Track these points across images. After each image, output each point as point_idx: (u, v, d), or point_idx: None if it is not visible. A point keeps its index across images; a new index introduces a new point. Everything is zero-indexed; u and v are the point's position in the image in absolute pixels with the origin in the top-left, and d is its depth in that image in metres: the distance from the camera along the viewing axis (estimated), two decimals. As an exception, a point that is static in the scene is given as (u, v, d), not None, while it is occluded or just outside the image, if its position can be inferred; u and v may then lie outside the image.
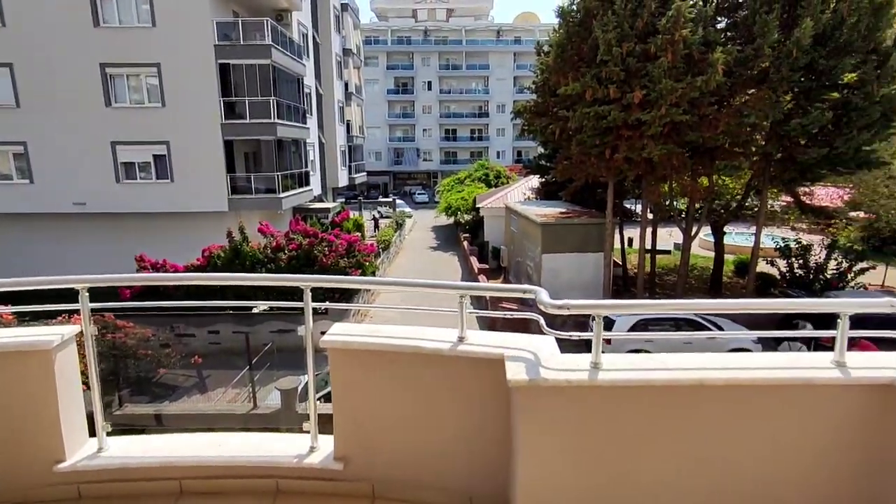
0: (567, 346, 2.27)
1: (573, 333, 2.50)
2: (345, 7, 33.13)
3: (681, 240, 18.57)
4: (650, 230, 18.91)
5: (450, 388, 2.55)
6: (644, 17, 13.75)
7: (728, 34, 15.47)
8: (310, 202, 25.42)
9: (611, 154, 15.42)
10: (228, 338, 11.79)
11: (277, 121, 19.41)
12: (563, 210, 20.66)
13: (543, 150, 24.31)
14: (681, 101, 13.73)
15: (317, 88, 28.56)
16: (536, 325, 2.59)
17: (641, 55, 13.90)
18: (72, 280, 2.60)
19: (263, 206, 19.80)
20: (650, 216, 18.63)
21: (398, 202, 43.29)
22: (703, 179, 17.34)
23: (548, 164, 22.90)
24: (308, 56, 26.26)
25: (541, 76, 17.66)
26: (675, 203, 20.01)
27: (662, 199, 18.39)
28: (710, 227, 20.66)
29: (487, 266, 22.95)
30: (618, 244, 21.12)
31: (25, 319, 5.75)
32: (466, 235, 29.43)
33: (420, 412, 2.61)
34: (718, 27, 15.34)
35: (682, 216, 18.57)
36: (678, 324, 13.38)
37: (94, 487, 2.73)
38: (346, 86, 34.00)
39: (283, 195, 20.18)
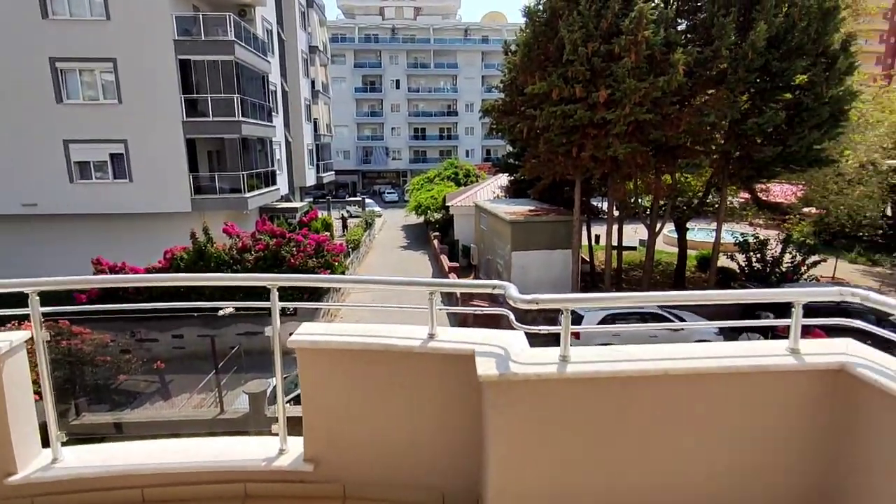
0: (538, 343, 2.29)
1: (542, 328, 2.53)
2: (310, 3, 32.59)
3: (646, 236, 19.05)
4: (616, 227, 19.33)
5: (420, 386, 2.55)
6: (608, 18, 14.03)
7: (688, 36, 15.94)
8: (277, 202, 24.95)
9: (577, 152, 15.68)
10: (193, 342, 11.48)
11: (242, 119, 18.95)
12: (532, 208, 20.90)
13: (512, 149, 24.53)
14: (644, 101, 14.08)
15: (282, 86, 28.04)
16: (507, 321, 2.61)
17: (606, 55, 14.18)
18: (21, 283, 2.46)
19: (228, 207, 19.31)
20: (616, 213, 19.05)
21: (368, 201, 42.88)
22: (667, 177, 17.86)
23: (516, 163, 23.08)
24: (273, 53, 25.74)
25: (508, 75, 17.80)
26: (640, 200, 20.52)
27: (628, 197, 18.86)
28: (674, 224, 21.25)
29: (458, 264, 22.99)
30: (585, 241, 21.53)
31: (-29, 327, 5.44)
32: (436, 234, 29.40)
33: (391, 410, 2.59)
34: (679, 29, 15.79)
35: (647, 213, 19.06)
36: (644, 318, 13.76)
37: (50, 500, 2.61)
38: (313, 84, 33.49)
39: (249, 195, 19.74)
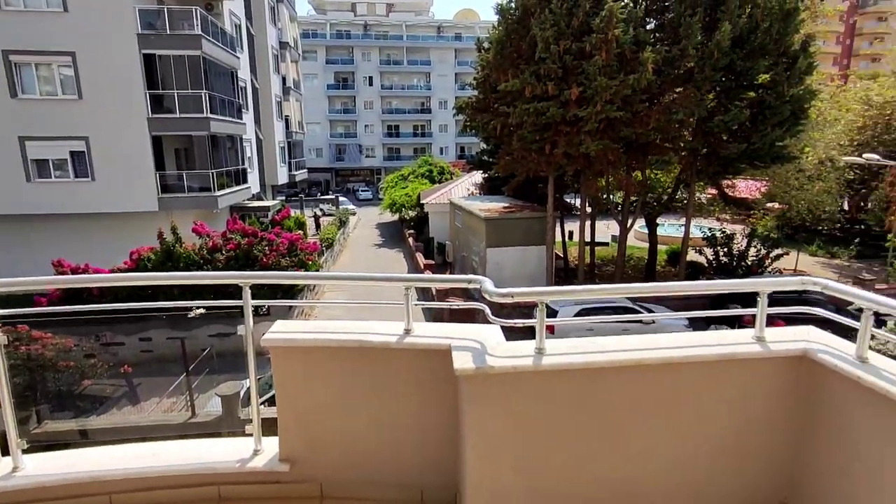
0: (514, 337, 2.31)
1: (518, 321, 2.55)
2: (280, -3, 32.00)
3: (618, 232, 19.42)
4: (589, 223, 19.64)
5: (397, 382, 2.53)
6: (579, 16, 14.21)
7: (657, 35, 16.29)
8: (248, 200, 24.43)
9: (550, 149, 15.85)
10: (162, 344, 11.12)
11: (210, 115, 18.46)
12: (506, 205, 21.04)
13: (486, 146, 24.62)
14: (615, 98, 14.32)
15: (252, 82, 27.44)
16: (482, 316, 2.62)
17: (578, 53, 14.36)
18: (-26, 285, 2.35)
19: (198, 206, 18.79)
20: (589, 210, 19.35)
21: (341, 199, 42.39)
22: (637, 174, 18.23)
23: (490, 160, 23.19)
24: (242, 48, 25.15)
25: (482, 72, 17.84)
26: (612, 197, 20.88)
27: (600, 193, 19.18)
28: (645, 220, 21.70)
29: (433, 262, 22.97)
30: (559, 237, 21.77)
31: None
32: (411, 232, 29.31)
33: (368, 407, 2.57)
34: (648, 28, 16.11)
35: (619, 209, 19.41)
36: (618, 311, 14.02)
37: (10, 510, 2.49)
38: (284, 80, 32.88)
39: (219, 193, 19.27)
